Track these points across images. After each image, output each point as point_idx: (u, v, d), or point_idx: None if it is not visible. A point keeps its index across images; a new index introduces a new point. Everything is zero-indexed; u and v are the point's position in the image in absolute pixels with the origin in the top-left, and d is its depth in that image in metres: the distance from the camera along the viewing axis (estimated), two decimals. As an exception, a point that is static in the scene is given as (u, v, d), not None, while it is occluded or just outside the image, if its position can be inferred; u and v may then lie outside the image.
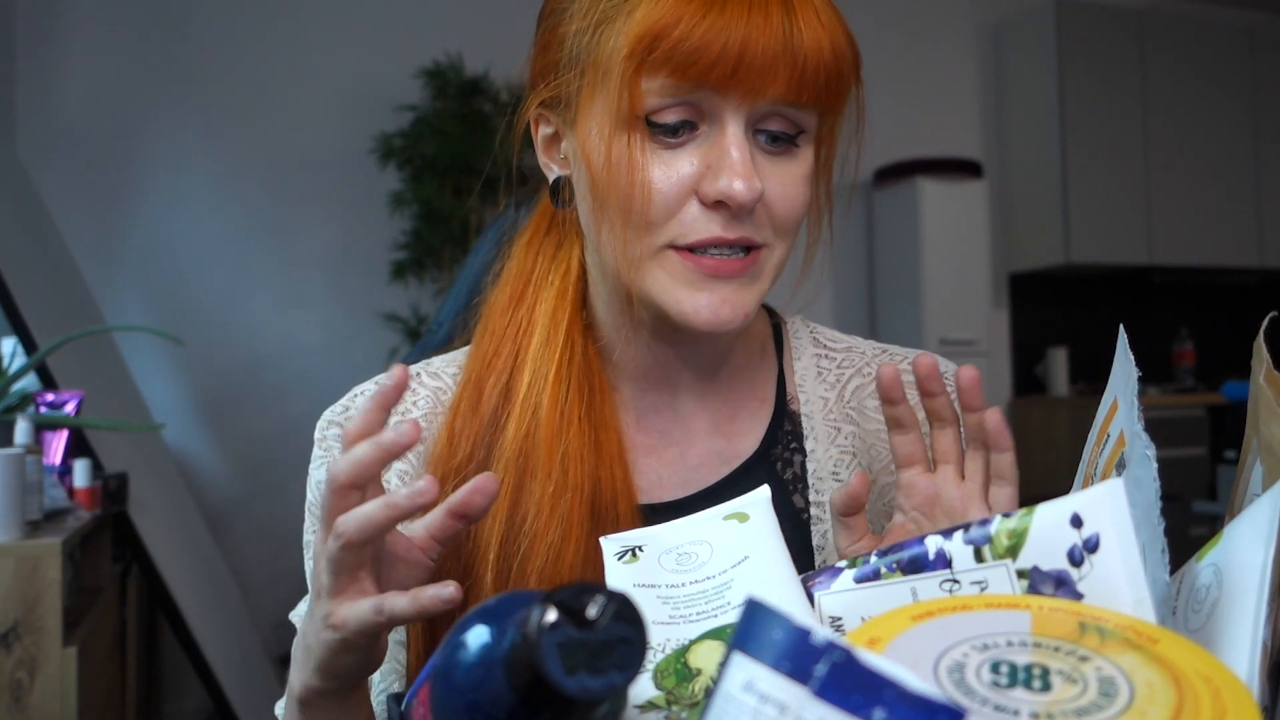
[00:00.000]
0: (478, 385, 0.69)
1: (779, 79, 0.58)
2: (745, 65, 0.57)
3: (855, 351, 0.76)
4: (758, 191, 0.60)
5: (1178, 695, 0.31)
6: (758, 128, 0.62)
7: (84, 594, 2.07)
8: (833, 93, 0.61)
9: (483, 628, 0.41)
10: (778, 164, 0.62)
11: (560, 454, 0.65)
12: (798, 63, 0.58)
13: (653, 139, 0.61)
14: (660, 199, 0.61)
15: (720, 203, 0.60)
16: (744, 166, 0.59)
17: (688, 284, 0.62)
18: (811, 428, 0.72)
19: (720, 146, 0.60)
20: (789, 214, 0.63)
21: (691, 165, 0.61)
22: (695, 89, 0.59)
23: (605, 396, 0.69)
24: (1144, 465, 0.43)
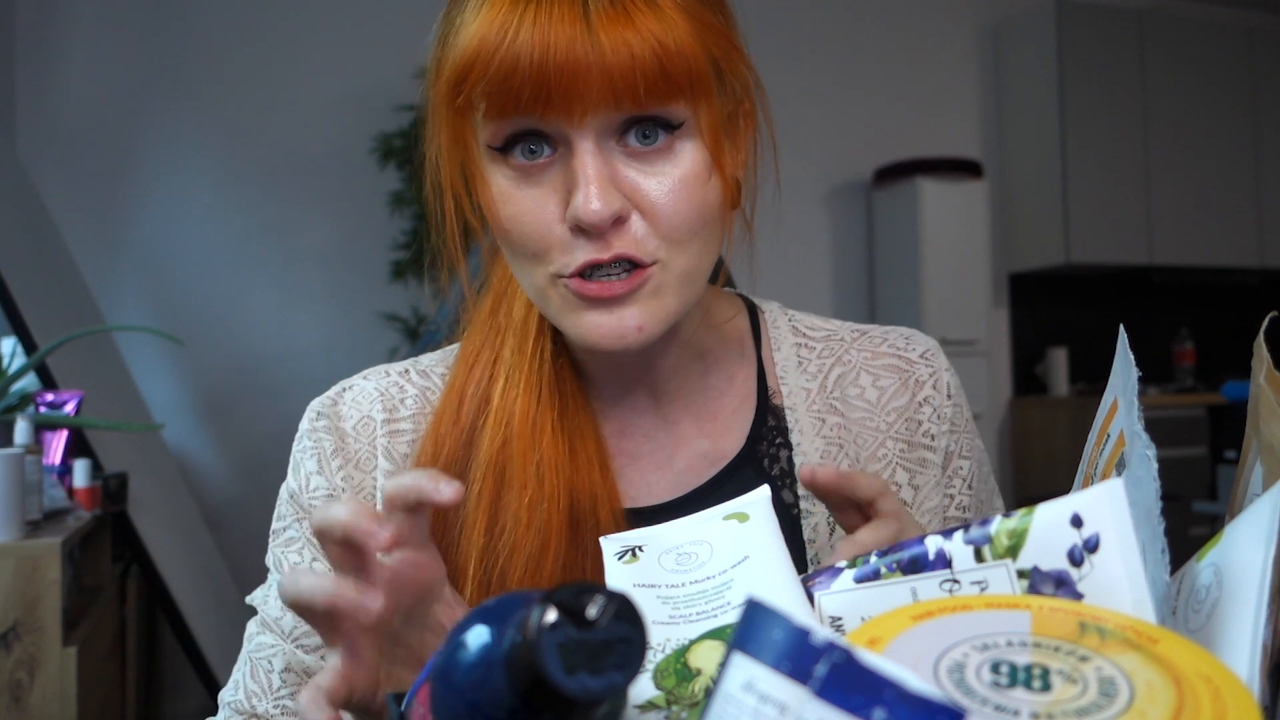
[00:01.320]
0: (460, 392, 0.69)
1: (592, 95, 0.55)
2: (548, 86, 0.55)
3: (835, 339, 0.74)
4: (614, 209, 0.57)
5: (1178, 695, 0.31)
6: (622, 140, 0.58)
7: (84, 594, 2.07)
8: (672, 88, 0.56)
9: (483, 628, 0.41)
10: (654, 169, 0.59)
11: (535, 463, 0.65)
12: (607, 75, 0.55)
13: (514, 169, 0.59)
14: (530, 231, 0.59)
15: (580, 228, 0.58)
16: (595, 184, 0.56)
17: (577, 309, 0.60)
18: (796, 420, 0.71)
19: (571, 167, 0.58)
20: (672, 221, 0.59)
21: (554, 192, 0.59)
22: (521, 116, 0.57)
23: (579, 403, 0.68)
24: (1144, 465, 0.43)
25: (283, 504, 0.72)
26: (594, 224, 0.57)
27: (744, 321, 0.76)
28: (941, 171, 4.06)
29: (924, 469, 0.71)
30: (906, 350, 0.74)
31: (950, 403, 0.73)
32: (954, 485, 0.72)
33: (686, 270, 0.61)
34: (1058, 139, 4.31)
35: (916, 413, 0.72)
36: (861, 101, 4.25)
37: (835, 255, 4.33)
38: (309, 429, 0.71)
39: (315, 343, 3.48)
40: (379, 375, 0.73)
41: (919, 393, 0.72)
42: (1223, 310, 4.91)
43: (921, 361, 0.73)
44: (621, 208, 0.58)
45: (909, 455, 0.71)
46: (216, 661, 2.44)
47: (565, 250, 0.59)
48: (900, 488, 0.70)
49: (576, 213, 0.57)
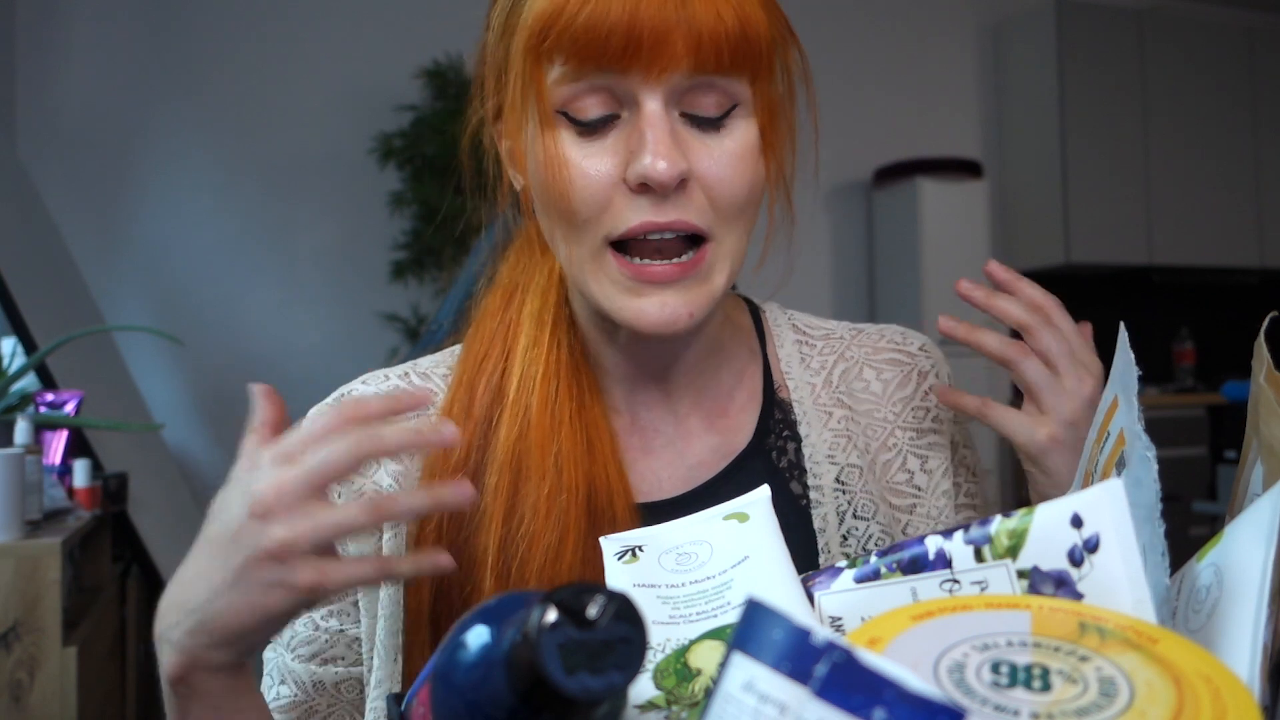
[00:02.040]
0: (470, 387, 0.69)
1: (677, 50, 0.56)
2: (637, 40, 0.56)
3: (834, 336, 0.76)
4: (680, 168, 0.58)
5: (1178, 695, 0.31)
6: (685, 109, 0.60)
7: (84, 594, 2.07)
8: (749, 60, 0.58)
9: (483, 628, 0.41)
10: (711, 138, 0.60)
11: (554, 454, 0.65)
12: (694, 31, 0.56)
13: (575, 133, 0.60)
14: (587, 193, 0.59)
15: (645, 185, 0.58)
16: (663, 144, 0.57)
17: (628, 290, 0.60)
18: (803, 413, 0.72)
19: (639, 128, 0.58)
20: (728, 193, 0.60)
21: (615, 154, 0.59)
22: (597, 72, 0.57)
23: (594, 396, 0.69)
24: (1144, 466, 0.43)
25: None
26: (662, 182, 0.58)
27: (748, 319, 0.77)
28: (941, 171, 4.06)
29: (934, 453, 0.73)
30: (905, 344, 0.76)
31: None
32: (960, 474, 0.74)
33: (733, 249, 0.62)
34: (1058, 139, 4.31)
35: (923, 401, 0.74)
36: (861, 101, 4.25)
37: (835, 255, 4.33)
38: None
39: (315, 343, 3.48)
40: (378, 379, 0.73)
41: (923, 382, 0.74)
42: (1223, 310, 4.91)
43: (922, 354, 0.76)
44: (687, 169, 0.59)
45: (919, 442, 0.73)
46: (216, 661, 2.44)
47: (619, 212, 0.60)
48: (913, 474, 0.72)
49: (645, 170, 0.57)
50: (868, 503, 0.70)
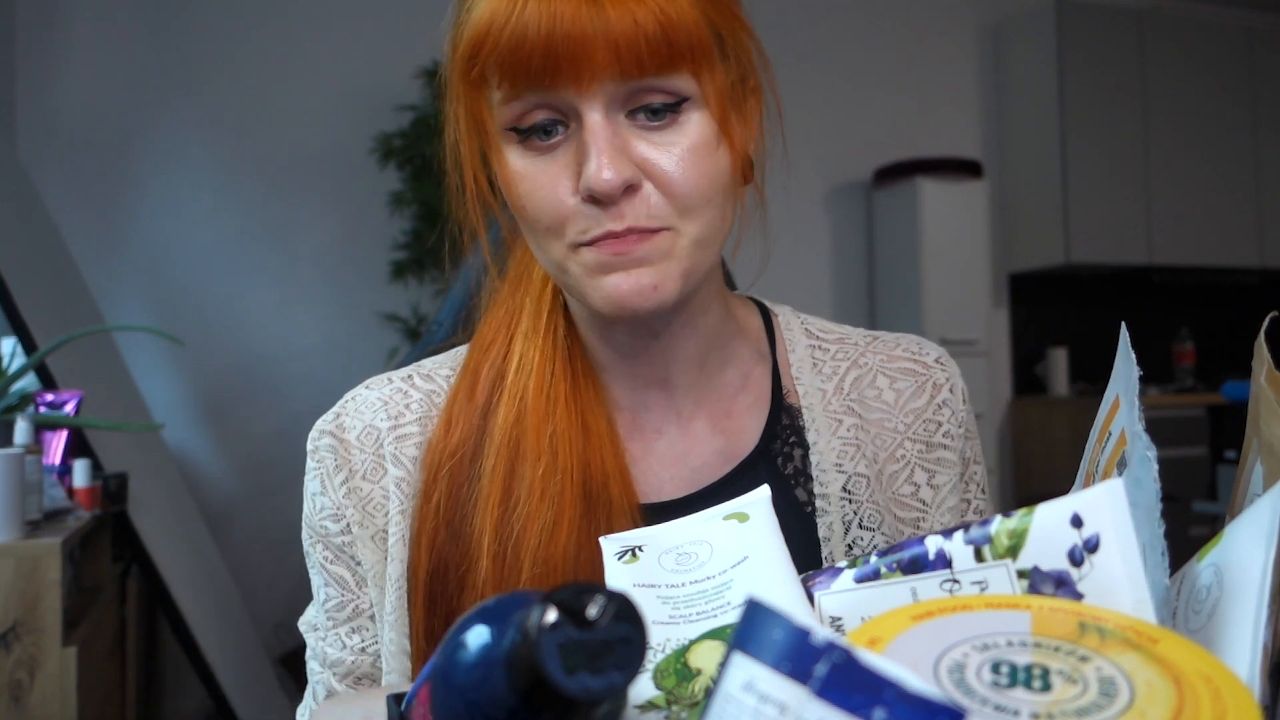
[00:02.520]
0: (474, 372, 0.70)
1: (598, 62, 0.56)
2: (555, 55, 0.56)
3: (848, 342, 0.75)
4: (625, 175, 0.58)
5: (1178, 695, 0.31)
6: (632, 110, 0.60)
7: (84, 594, 2.07)
8: (679, 58, 0.58)
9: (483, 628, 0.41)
10: (662, 139, 0.60)
11: (549, 435, 0.66)
12: (611, 41, 0.56)
13: (529, 148, 0.61)
14: (543, 206, 0.60)
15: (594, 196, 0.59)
16: (605, 153, 0.58)
17: (598, 270, 0.61)
18: (812, 420, 0.71)
19: (582, 139, 0.59)
20: (683, 189, 0.60)
21: (566, 166, 0.60)
22: (531, 90, 0.58)
23: (588, 381, 0.69)
24: (1144, 466, 0.43)
25: (303, 527, 0.73)
26: (605, 192, 0.58)
27: (758, 322, 0.77)
28: (941, 171, 4.06)
29: (942, 469, 0.72)
30: (921, 355, 0.75)
31: (965, 408, 0.74)
32: (970, 490, 0.74)
33: (699, 237, 0.62)
34: (1058, 139, 4.31)
35: (935, 414, 0.73)
36: (861, 101, 4.25)
37: (835, 255, 4.33)
38: (311, 449, 0.72)
39: (315, 343, 3.48)
40: (381, 383, 0.74)
41: (937, 395, 0.73)
42: (1223, 310, 4.91)
43: (937, 366, 0.75)
44: (633, 176, 0.59)
45: (928, 456, 0.72)
46: (216, 661, 2.44)
47: (580, 220, 0.60)
48: (919, 487, 0.71)
49: (589, 181, 0.58)
50: (874, 513, 0.69)
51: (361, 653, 0.70)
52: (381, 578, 0.69)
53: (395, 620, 0.68)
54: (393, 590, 0.68)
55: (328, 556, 0.71)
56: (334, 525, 0.70)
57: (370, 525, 0.69)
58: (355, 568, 0.70)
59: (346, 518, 0.69)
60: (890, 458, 0.71)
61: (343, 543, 0.70)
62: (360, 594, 0.70)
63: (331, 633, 0.71)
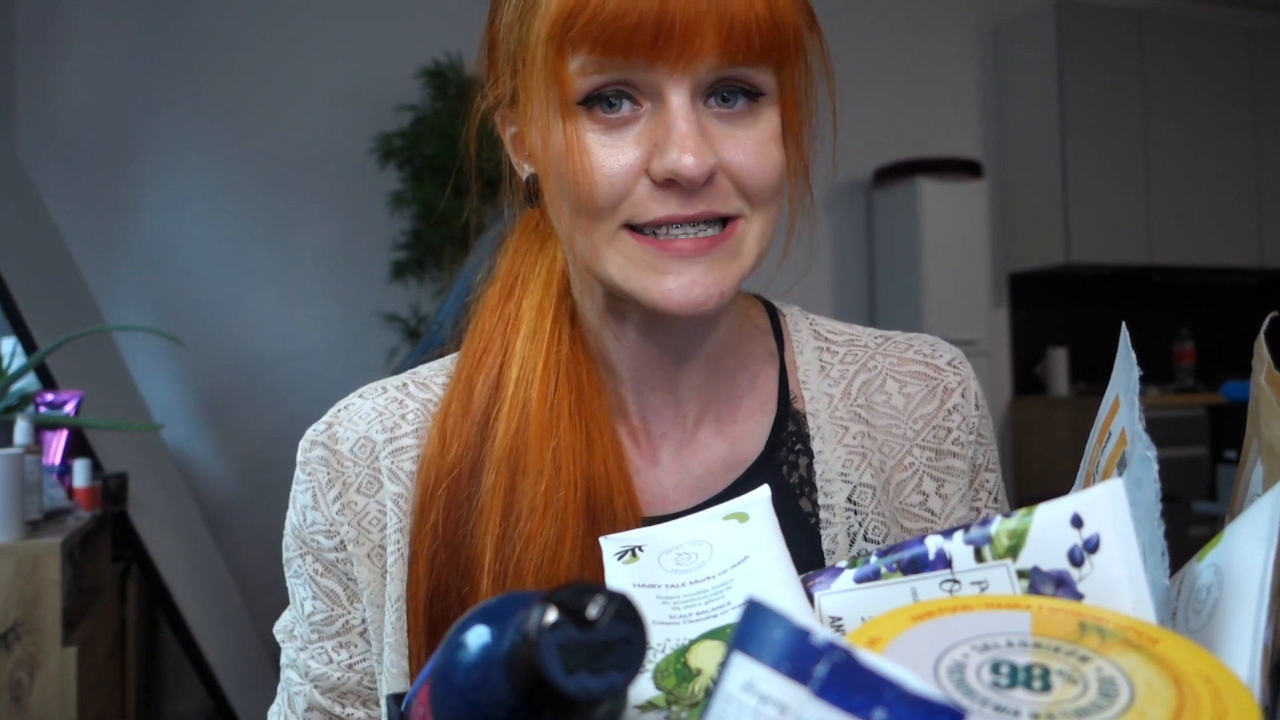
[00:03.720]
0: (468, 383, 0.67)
1: (707, 42, 0.55)
2: (667, 31, 0.54)
3: (858, 344, 0.72)
4: (709, 164, 0.57)
5: (1178, 696, 0.31)
6: (710, 93, 0.58)
7: (84, 594, 2.07)
8: (778, 48, 0.57)
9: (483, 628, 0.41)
10: (737, 128, 0.59)
11: (552, 449, 0.63)
12: (724, 22, 0.54)
13: (595, 121, 0.58)
14: (608, 183, 0.58)
15: (672, 180, 0.57)
16: (691, 139, 0.56)
17: (650, 268, 0.59)
18: (818, 427, 0.69)
19: (665, 121, 0.57)
20: (757, 180, 0.59)
21: (639, 146, 0.58)
22: (624, 64, 0.56)
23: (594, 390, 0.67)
24: (1145, 466, 0.43)
25: (287, 535, 0.70)
26: (691, 178, 0.56)
27: (765, 322, 0.74)
28: (941, 171, 4.06)
29: (951, 477, 0.69)
30: (933, 357, 0.72)
31: (978, 413, 0.71)
32: (980, 498, 0.71)
33: (761, 232, 0.61)
34: (1058, 139, 4.31)
35: (945, 420, 0.70)
36: (862, 101, 4.25)
37: (835, 255, 4.33)
38: (303, 461, 0.69)
39: (315, 343, 3.48)
40: (376, 393, 0.71)
41: (948, 400, 0.70)
42: (1223, 310, 4.91)
43: (949, 369, 0.71)
44: (715, 164, 0.58)
45: (937, 464, 0.69)
46: (216, 661, 2.44)
47: (641, 202, 0.58)
48: (927, 497, 0.68)
49: (673, 166, 0.56)
50: (879, 525, 0.67)
51: (349, 669, 0.68)
52: (379, 596, 0.66)
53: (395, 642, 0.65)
54: (392, 611, 0.65)
55: (318, 569, 0.68)
56: (327, 541, 0.68)
57: (366, 542, 0.67)
58: (348, 584, 0.68)
59: (340, 534, 0.67)
60: (898, 466, 0.69)
61: (336, 558, 0.68)
62: (351, 609, 0.68)
63: (316, 645, 0.68)
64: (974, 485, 0.71)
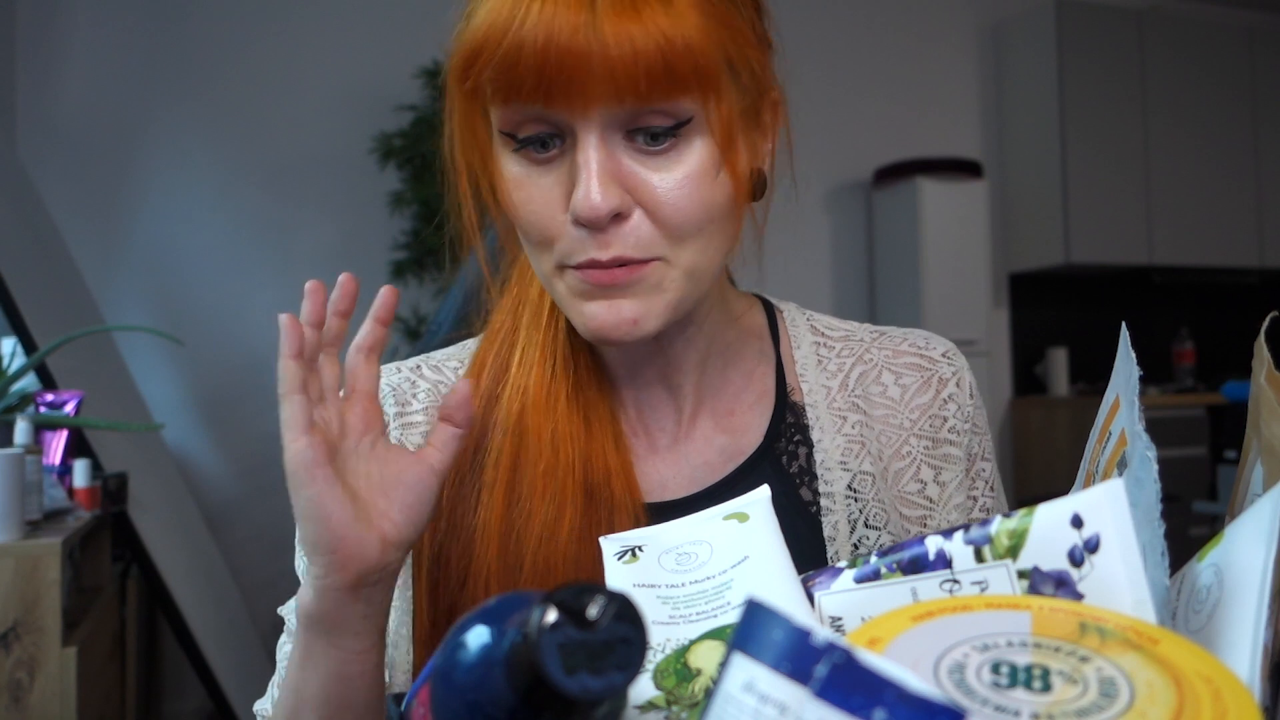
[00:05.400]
0: (481, 361, 0.70)
1: (595, 82, 0.54)
2: (553, 74, 0.54)
3: (853, 338, 0.74)
4: (613, 203, 0.56)
5: (1178, 696, 0.31)
6: (631, 131, 0.57)
7: (84, 594, 2.07)
8: (679, 83, 0.55)
9: (483, 628, 0.41)
10: (660, 165, 0.58)
11: (550, 432, 0.66)
12: (608, 61, 0.53)
13: (523, 155, 0.59)
14: (535, 219, 0.59)
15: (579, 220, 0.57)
16: (593, 180, 0.56)
17: (580, 295, 0.60)
18: (816, 417, 0.71)
19: (575, 160, 0.57)
20: (679, 219, 0.58)
21: (559, 183, 0.59)
22: (523, 104, 0.56)
23: (592, 378, 0.69)
24: (1145, 466, 0.43)
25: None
26: (591, 219, 0.57)
27: (761, 318, 0.76)
28: (941, 171, 4.06)
29: (949, 465, 0.71)
30: (928, 349, 0.74)
31: (972, 403, 0.73)
32: (977, 487, 0.72)
33: (691, 266, 0.60)
34: (1058, 139, 4.31)
35: (941, 409, 0.72)
36: (861, 101, 4.25)
37: (835, 255, 4.33)
38: None
39: (315, 343, 3.48)
40: (390, 371, 0.74)
41: (943, 390, 0.72)
42: (1223, 310, 4.91)
43: (944, 360, 0.73)
44: (621, 203, 0.57)
45: (934, 452, 0.71)
46: (216, 661, 2.44)
47: (570, 244, 0.59)
48: (925, 484, 0.70)
49: (576, 207, 0.57)
50: (879, 511, 0.68)
51: None
52: None
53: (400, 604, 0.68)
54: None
55: None
56: None
57: None
58: None
59: None
60: (896, 455, 0.70)
61: None
62: None
63: None
64: (970, 474, 0.72)
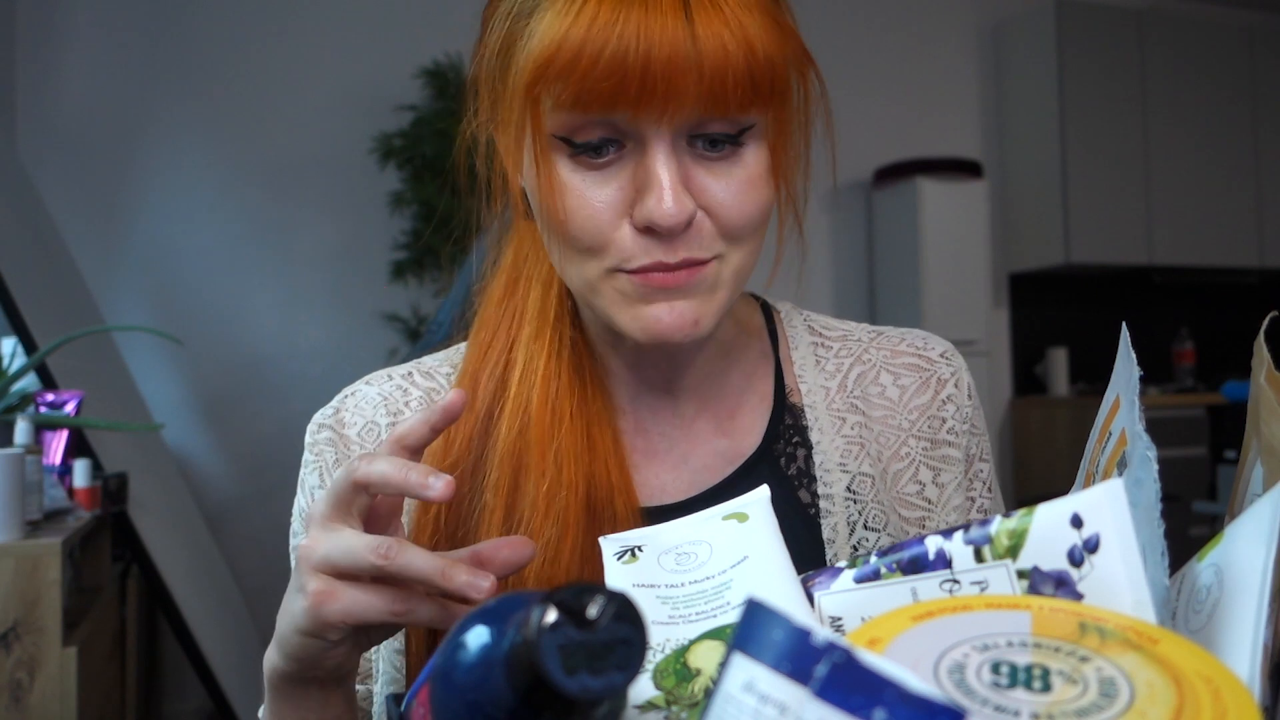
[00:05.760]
0: (474, 379, 0.68)
1: (688, 92, 0.54)
2: (648, 84, 0.54)
3: (852, 339, 0.74)
4: (689, 212, 0.57)
5: (1178, 696, 0.31)
6: (694, 137, 0.58)
7: (84, 594, 2.07)
8: (759, 93, 0.56)
9: (483, 628, 0.41)
10: (720, 170, 0.59)
11: (553, 451, 0.64)
12: (704, 73, 0.54)
13: (577, 161, 0.58)
14: (591, 225, 0.58)
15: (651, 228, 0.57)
16: (669, 189, 0.56)
17: (638, 299, 0.59)
18: (815, 419, 0.70)
19: (646, 166, 0.57)
20: (739, 222, 0.59)
21: (620, 188, 0.58)
22: (605, 112, 0.56)
23: (595, 392, 0.68)
24: (1145, 466, 0.43)
25: (295, 521, 0.71)
26: (670, 227, 0.57)
27: (759, 319, 0.76)
28: (941, 171, 4.06)
29: (947, 466, 0.71)
30: (926, 349, 0.74)
31: (971, 404, 0.73)
32: (975, 488, 0.72)
33: (740, 267, 0.61)
34: (1058, 139, 4.31)
35: (940, 410, 0.71)
36: (862, 101, 4.25)
37: (835, 255, 4.33)
38: (311, 443, 0.71)
39: (315, 343, 3.48)
40: (381, 380, 0.73)
41: (941, 391, 0.72)
42: (1223, 310, 4.91)
43: (942, 361, 0.73)
44: (695, 211, 0.58)
45: (932, 453, 0.71)
46: (216, 662, 2.44)
47: (627, 249, 0.58)
48: (924, 486, 0.70)
49: (651, 215, 0.56)
50: (879, 513, 0.68)
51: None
52: None
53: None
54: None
55: None
56: None
57: None
58: None
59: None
60: (895, 456, 0.70)
61: None
62: None
63: None
64: (969, 475, 0.72)
